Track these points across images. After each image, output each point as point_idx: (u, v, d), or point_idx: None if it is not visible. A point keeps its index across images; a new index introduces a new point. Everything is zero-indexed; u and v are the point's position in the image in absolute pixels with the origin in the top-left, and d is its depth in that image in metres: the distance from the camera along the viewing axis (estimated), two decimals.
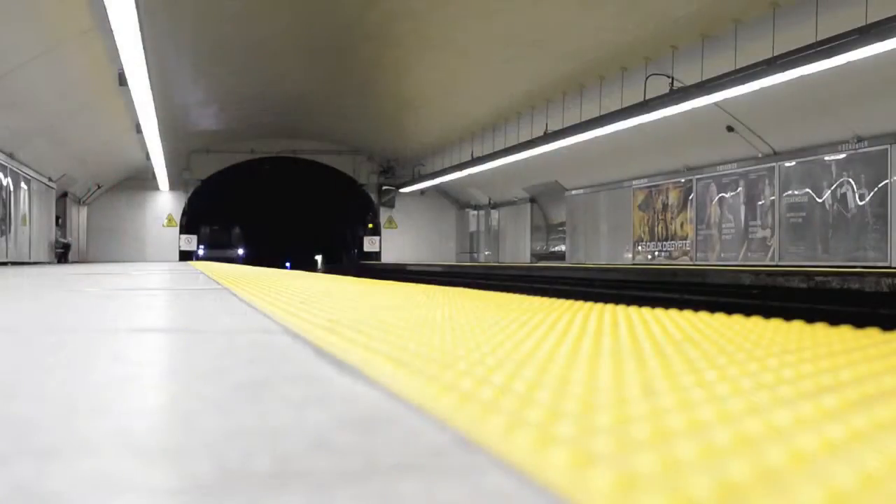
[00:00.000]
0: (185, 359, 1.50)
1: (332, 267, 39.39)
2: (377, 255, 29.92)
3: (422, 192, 28.84)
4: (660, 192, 18.25)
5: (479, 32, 14.76)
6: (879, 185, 12.51)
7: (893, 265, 12.27)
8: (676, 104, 12.34)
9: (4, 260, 16.34)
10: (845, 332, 1.65)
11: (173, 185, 27.86)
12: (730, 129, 14.72)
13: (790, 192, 14.31)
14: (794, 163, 14.21)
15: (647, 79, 13.49)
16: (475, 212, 29.14)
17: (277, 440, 0.81)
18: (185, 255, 28.84)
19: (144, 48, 9.67)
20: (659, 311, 2.25)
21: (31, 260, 18.73)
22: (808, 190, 13.94)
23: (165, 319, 2.44)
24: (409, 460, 0.73)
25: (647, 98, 13.10)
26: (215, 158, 28.49)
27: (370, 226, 30.42)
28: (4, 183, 16.27)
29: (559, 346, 1.51)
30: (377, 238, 29.91)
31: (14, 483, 0.67)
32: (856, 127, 12.68)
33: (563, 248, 23.13)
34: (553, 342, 1.56)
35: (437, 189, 29.11)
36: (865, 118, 12.41)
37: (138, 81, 11.48)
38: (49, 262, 20.34)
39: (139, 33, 8.85)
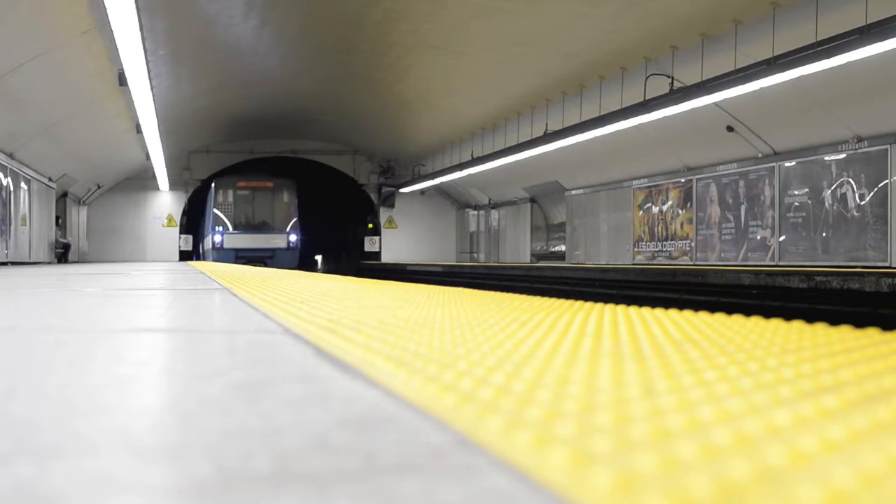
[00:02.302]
0: (184, 359, 1.50)
1: (331, 267, 39.12)
2: (377, 255, 29.91)
3: (422, 192, 28.84)
4: (660, 192, 18.26)
5: (478, 32, 14.76)
6: (879, 185, 12.51)
7: (894, 265, 12.27)
8: (676, 104, 12.35)
9: (4, 260, 16.34)
10: (845, 332, 1.65)
11: (173, 185, 27.87)
12: (730, 129, 14.73)
13: (790, 192, 14.32)
14: (794, 163, 14.22)
15: (647, 79, 13.49)
16: (475, 212, 29.14)
17: (277, 440, 0.81)
18: (185, 255, 28.85)
19: (144, 48, 9.68)
20: (659, 311, 2.25)
21: (31, 260, 18.73)
22: (808, 190, 13.94)
23: (165, 319, 2.44)
24: (408, 460, 0.73)
25: (647, 98, 13.11)
26: (215, 158, 28.51)
27: (370, 226, 30.41)
28: (4, 183, 16.27)
29: (559, 346, 1.51)
30: (377, 238, 29.91)
31: (14, 483, 0.67)
32: (856, 127, 12.68)
33: (563, 248, 23.14)
34: (553, 342, 1.56)
35: (437, 189, 29.11)
36: (865, 118, 12.41)
37: (138, 81, 11.49)
38: (49, 262, 20.35)
39: (139, 33, 8.85)
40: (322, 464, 0.72)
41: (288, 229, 25.94)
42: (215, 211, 25.96)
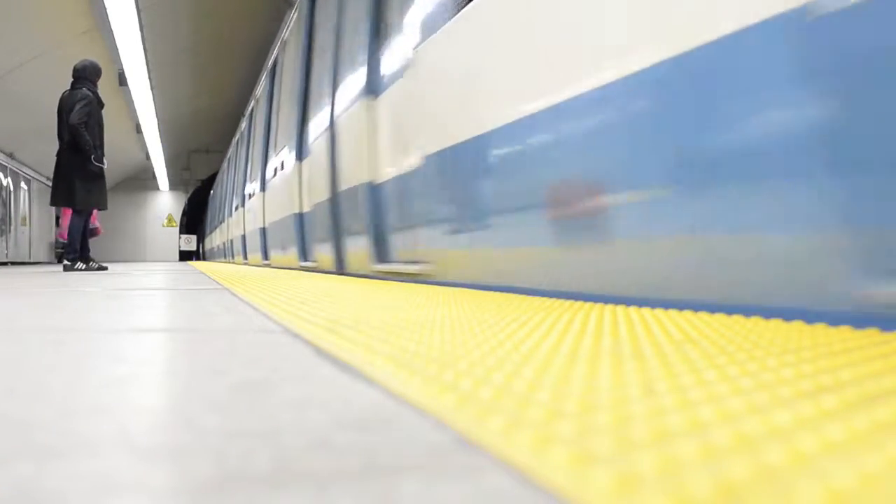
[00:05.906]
0: (184, 358, 1.50)
1: None
2: None
3: None
4: None
5: None
6: None
7: None
8: None
9: (4, 260, 16.35)
10: (845, 332, 1.65)
11: (173, 185, 27.88)
12: None
13: None
14: None
15: None
16: None
17: (277, 440, 0.81)
18: (185, 255, 28.85)
19: (144, 48, 9.68)
20: (659, 311, 2.25)
21: (31, 260, 18.73)
22: None
23: (165, 319, 2.44)
24: (409, 460, 0.73)
25: None
26: (215, 158, 28.50)
27: None
28: (4, 183, 16.27)
29: (559, 345, 1.51)
30: None
31: (14, 483, 0.67)
32: None
33: None
34: (553, 342, 1.56)
35: None
36: None
37: (138, 81, 11.49)
38: (49, 262, 20.35)
39: (139, 33, 8.86)
40: (322, 464, 0.72)
41: None
42: None
